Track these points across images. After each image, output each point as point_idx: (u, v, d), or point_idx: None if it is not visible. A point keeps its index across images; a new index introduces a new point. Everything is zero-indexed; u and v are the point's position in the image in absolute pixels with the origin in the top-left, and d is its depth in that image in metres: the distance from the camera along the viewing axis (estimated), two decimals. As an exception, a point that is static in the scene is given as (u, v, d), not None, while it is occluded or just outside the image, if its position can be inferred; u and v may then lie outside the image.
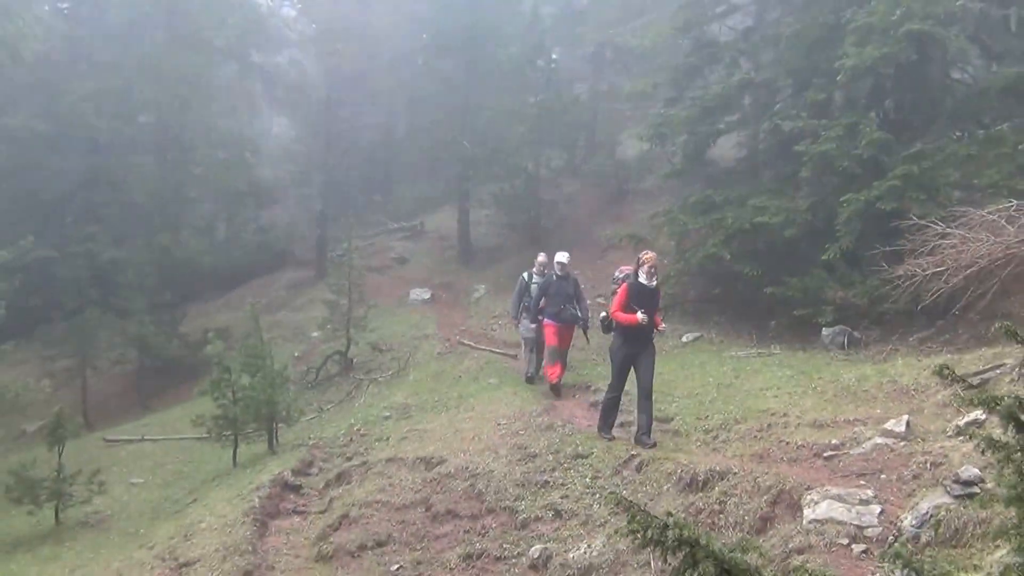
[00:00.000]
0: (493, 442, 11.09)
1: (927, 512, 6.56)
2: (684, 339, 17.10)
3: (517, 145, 25.58)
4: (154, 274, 23.83)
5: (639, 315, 9.74)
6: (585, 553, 7.67)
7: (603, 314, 10.60)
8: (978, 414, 7.80)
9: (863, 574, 6.23)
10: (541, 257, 15.14)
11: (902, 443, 8.11)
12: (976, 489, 6.54)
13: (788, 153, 17.30)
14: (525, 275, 15.05)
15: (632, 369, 10.18)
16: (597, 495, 8.93)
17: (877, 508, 6.91)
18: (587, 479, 9.41)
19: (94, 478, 13.44)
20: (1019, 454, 2.79)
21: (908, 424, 8.40)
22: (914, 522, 6.57)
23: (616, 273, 11.10)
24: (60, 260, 24.04)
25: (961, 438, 7.23)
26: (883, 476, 7.63)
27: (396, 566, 8.78)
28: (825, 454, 8.50)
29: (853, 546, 6.60)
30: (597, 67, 30.76)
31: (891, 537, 6.55)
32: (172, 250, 24.65)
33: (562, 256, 14.10)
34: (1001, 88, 15.17)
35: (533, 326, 14.46)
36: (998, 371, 9.27)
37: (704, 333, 17.16)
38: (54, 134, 25.45)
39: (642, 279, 9.95)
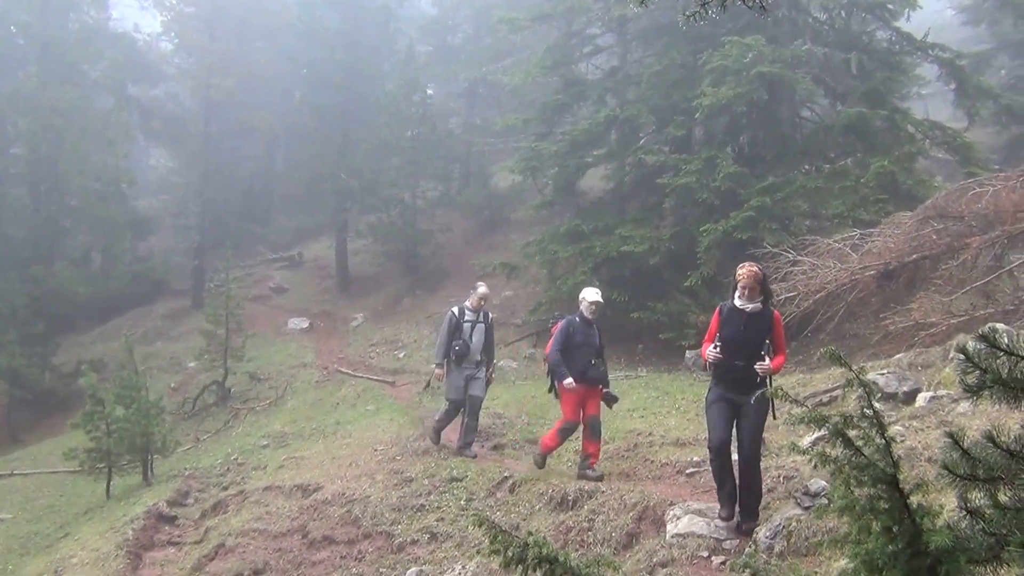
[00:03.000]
0: (370, 468, 11.12)
1: (780, 523, 6.79)
2: (557, 364, 17.53)
3: (394, 177, 26.08)
4: (27, 305, 23.25)
5: (709, 351, 7.17)
6: (460, 574, 7.79)
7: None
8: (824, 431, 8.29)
9: (720, 585, 6.57)
10: (482, 288, 11.39)
11: (757, 458, 8.55)
12: (824, 500, 6.94)
13: (652, 185, 18.08)
14: (455, 310, 11.24)
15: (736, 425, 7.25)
16: (472, 517, 9.06)
17: (734, 521, 7.30)
18: (462, 502, 9.52)
19: (-39, 515, 12.96)
20: (847, 467, 3.08)
21: (763, 440, 8.85)
22: (768, 533, 6.81)
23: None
24: (-72, 291, 23.10)
25: (803, 456, 7.64)
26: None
27: (273, 594, 8.77)
28: (687, 471, 8.92)
29: (713, 558, 6.85)
30: (470, 103, 31.52)
31: (747, 548, 6.78)
32: (45, 281, 24.12)
33: (594, 293, 9.93)
34: (844, 126, 16.25)
35: (456, 381, 11.10)
36: (847, 390, 9.83)
37: (576, 358, 17.61)
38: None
39: (737, 301, 7.14)
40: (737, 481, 7.23)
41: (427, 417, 13.98)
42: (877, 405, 3.15)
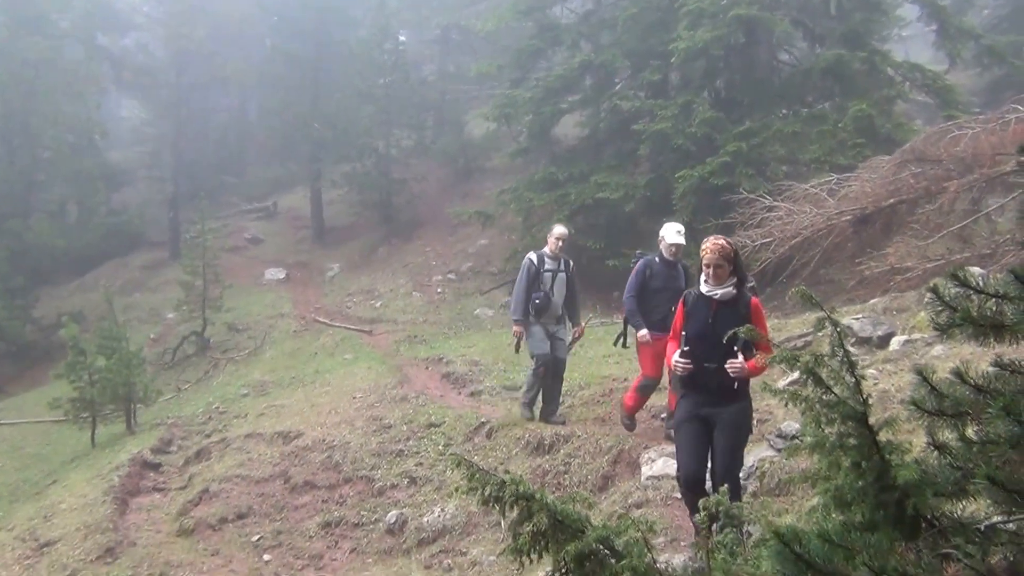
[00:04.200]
0: (349, 415, 11.28)
1: (753, 465, 6.90)
2: (532, 311, 17.62)
3: (367, 126, 25.88)
4: (5, 259, 23.37)
5: (675, 360, 5.60)
6: (439, 516, 7.99)
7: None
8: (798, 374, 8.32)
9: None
10: (559, 229, 9.45)
11: (732, 402, 8.59)
12: (797, 442, 6.98)
13: (627, 132, 18.01)
14: (533, 257, 9.39)
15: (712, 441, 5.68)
16: (450, 458, 9.11)
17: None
18: (440, 446, 9.69)
19: (-51, 465, 13.09)
20: (818, 405, 3.07)
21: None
22: (741, 475, 6.96)
23: None
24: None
25: (777, 399, 7.67)
26: (715, 433, 8.11)
27: (257, 536, 8.87)
28: (662, 415, 8.94)
29: (687, 499, 6.98)
30: (444, 49, 31.17)
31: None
32: (23, 234, 24.28)
33: (674, 233, 8.34)
34: (823, 69, 16.15)
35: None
36: (820, 334, 9.86)
37: (551, 305, 17.67)
38: None
39: (703, 287, 5.55)
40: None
41: (405, 365, 14.05)
42: (847, 344, 3.13)
